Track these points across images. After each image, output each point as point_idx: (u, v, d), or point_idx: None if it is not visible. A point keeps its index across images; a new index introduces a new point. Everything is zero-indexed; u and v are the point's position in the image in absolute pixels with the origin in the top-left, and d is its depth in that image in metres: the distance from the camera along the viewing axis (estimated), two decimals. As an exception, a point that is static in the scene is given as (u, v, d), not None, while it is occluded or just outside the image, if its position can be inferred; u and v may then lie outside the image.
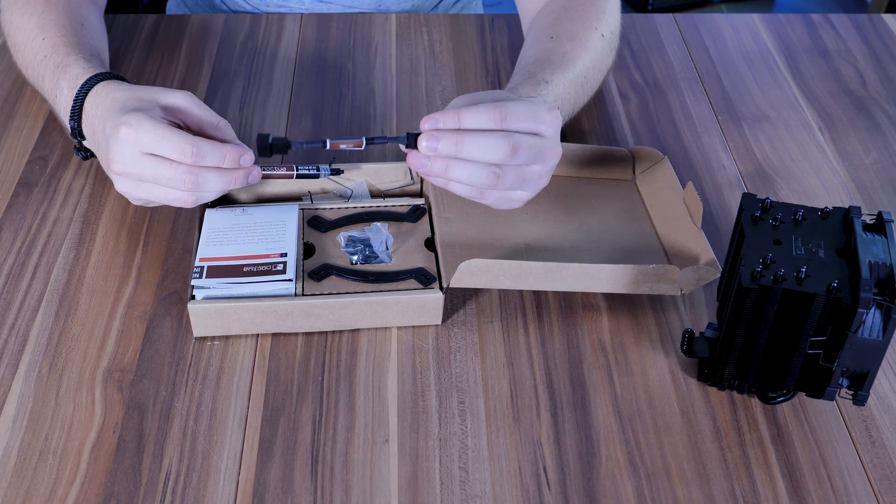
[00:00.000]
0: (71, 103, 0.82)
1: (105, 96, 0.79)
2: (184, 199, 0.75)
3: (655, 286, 0.77)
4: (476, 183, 0.72)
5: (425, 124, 0.71)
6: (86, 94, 0.81)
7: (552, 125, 0.74)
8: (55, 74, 0.86)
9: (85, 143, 0.84)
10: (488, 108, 0.71)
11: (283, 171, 0.80)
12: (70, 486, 0.66)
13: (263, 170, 0.78)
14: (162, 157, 0.73)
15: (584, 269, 0.75)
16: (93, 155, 0.86)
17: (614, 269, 0.75)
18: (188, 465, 0.68)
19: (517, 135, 0.72)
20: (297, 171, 0.80)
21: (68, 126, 0.83)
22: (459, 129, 0.71)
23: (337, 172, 0.81)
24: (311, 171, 0.80)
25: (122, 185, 0.77)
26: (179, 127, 0.77)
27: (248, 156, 0.75)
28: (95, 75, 0.82)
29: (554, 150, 0.75)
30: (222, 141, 0.77)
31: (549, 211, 0.85)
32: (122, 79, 0.84)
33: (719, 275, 0.75)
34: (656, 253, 0.83)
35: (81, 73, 0.83)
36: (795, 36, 1.15)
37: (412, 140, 0.73)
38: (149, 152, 0.73)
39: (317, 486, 0.67)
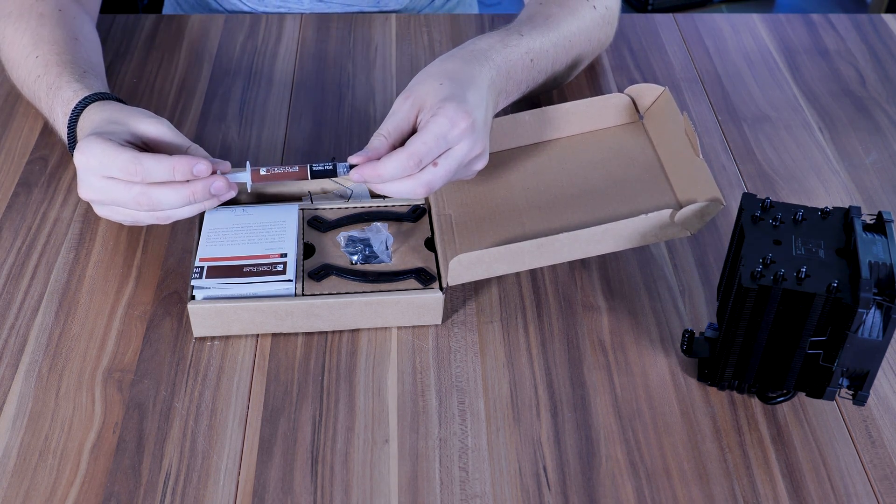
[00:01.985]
0: (66, 130, 0.82)
1: (87, 121, 0.79)
2: (152, 218, 0.75)
3: (661, 233, 0.75)
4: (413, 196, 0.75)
5: (353, 176, 0.74)
6: (77, 120, 0.81)
7: (462, 132, 0.74)
8: (49, 97, 0.85)
9: None
10: (401, 158, 0.72)
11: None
12: (70, 486, 0.66)
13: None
14: (116, 178, 0.72)
15: (576, 235, 0.74)
16: None
17: (606, 228, 0.74)
18: (188, 465, 0.68)
19: (430, 174, 0.73)
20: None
21: (70, 153, 0.83)
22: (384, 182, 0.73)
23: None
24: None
25: (98, 211, 0.77)
26: (143, 149, 0.75)
27: (202, 165, 0.71)
28: (85, 98, 0.81)
29: (469, 152, 0.75)
30: None
31: (551, 191, 0.83)
32: (114, 97, 0.83)
33: (723, 206, 0.74)
34: (667, 197, 0.80)
35: (72, 97, 0.82)
36: (795, 36, 1.15)
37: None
38: (106, 175, 0.72)
39: (317, 486, 0.67)
